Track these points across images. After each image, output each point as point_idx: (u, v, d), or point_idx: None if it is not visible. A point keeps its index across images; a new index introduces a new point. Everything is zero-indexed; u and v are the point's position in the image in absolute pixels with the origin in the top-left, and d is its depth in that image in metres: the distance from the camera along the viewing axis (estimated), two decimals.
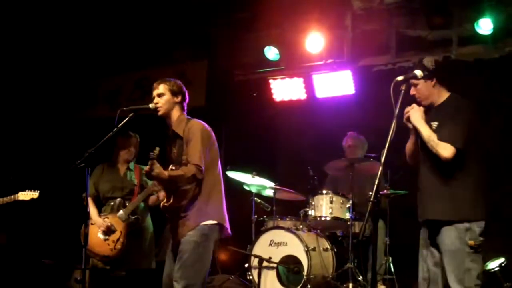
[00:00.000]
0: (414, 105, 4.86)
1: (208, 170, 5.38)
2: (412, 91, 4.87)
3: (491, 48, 8.14)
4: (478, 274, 4.65)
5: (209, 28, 9.64)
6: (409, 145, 5.04)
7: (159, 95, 5.49)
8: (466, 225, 4.64)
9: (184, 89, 5.61)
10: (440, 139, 4.68)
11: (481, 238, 4.68)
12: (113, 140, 6.92)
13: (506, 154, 8.07)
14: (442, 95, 4.90)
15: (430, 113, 4.90)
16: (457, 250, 4.64)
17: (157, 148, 5.12)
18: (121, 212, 6.92)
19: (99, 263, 6.92)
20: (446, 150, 4.65)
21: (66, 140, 10.14)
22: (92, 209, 7.01)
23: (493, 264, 6.81)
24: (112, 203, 7.09)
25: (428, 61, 4.87)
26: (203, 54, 9.87)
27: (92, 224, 6.94)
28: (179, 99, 5.52)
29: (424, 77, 4.82)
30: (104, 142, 5.40)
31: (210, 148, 5.44)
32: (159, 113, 5.49)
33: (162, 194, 5.59)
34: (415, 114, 4.83)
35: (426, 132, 4.76)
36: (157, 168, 5.11)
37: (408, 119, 4.88)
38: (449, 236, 4.68)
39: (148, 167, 5.11)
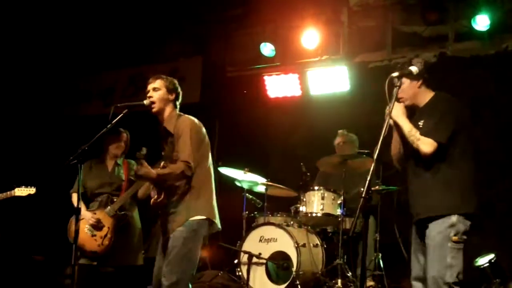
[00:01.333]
0: (395, 102, 4.74)
1: (198, 165, 5.34)
2: (400, 92, 4.76)
3: (488, 44, 8.12)
4: (458, 271, 4.59)
5: (203, 24, 9.63)
6: (394, 145, 4.95)
7: (154, 89, 5.44)
8: (453, 220, 4.58)
9: (179, 88, 5.55)
10: (422, 134, 4.64)
11: (465, 237, 4.61)
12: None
13: (500, 151, 8.02)
14: (427, 96, 4.84)
15: (416, 114, 4.85)
16: (439, 244, 4.59)
17: (144, 149, 5.08)
18: (108, 207, 6.86)
19: (86, 259, 6.88)
20: (427, 145, 4.61)
21: (60, 137, 10.14)
22: (80, 204, 6.98)
23: (483, 260, 6.77)
24: (99, 199, 7.03)
25: (417, 62, 4.81)
26: (197, 50, 9.88)
27: (81, 219, 6.90)
28: (173, 97, 5.46)
29: (410, 77, 4.76)
30: (98, 138, 5.35)
31: (200, 144, 5.39)
32: (153, 110, 5.43)
33: (146, 187, 5.53)
34: (395, 109, 4.73)
35: (407, 127, 4.71)
36: (145, 168, 5.07)
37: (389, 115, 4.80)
38: (433, 230, 4.64)
39: (136, 167, 5.07)
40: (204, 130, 5.47)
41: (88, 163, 7.14)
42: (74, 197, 6.99)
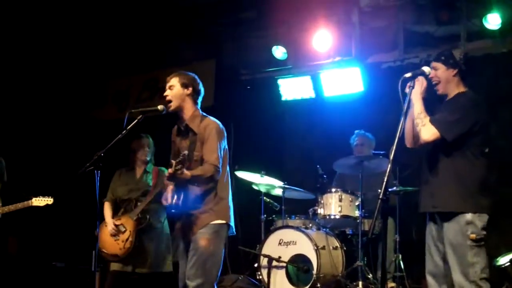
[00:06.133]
0: (420, 77, 4.80)
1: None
2: (432, 74, 4.85)
3: (500, 43, 8.11)
4: (482, 268, 4.65)
5: (216, 27, 9.64)
6: (408, 122, 4.94)
7: (170, 88, 5.46)
8: (468, 218, 4.64)
9: (197, 82, 5.53)
10: (432, 120, 4.68)
11: (484, 232, 4.67)
12: (127, 144, 6.96)
13: None
14: (458, 88, 4.89)
15: (442, 104, 4.90)
16: (459, 244, 4.65)
17: (185, 152, 5.08)
18: (131, 212, 6.99)
19: (115, 265, 6.99)
20: (428, 132, 4.68)
21: (74, 142, 10.20)
22: (108, 212, 7.19)
23: (504, 260, 6.74)
24: (126, 205, 7.18)
25: (457, 52, 4.92)
26: (210, 54, 9.87)
27: (106, 225, 7.08)
28: (189, 91, 5.44)
29: (448, 65, 4.84)
30: (114, 144, 5.35)
31: (224, 148, 5.42)
32: (170, 109, 5.43)
33: (169, 189, 5.51)
34: (416, 87, 4.78)
35: (418, 109, 4.76)
36: (182, 172, 5.07)
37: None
38: (451, 230, 4.70)
39: (172, 169, 5.04)
40: (226, 134, 5.51)
41: (119, 172, 7.33)
42: (106, 206, 7.16)
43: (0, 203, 7.24)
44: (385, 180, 4.37)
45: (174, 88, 5.44)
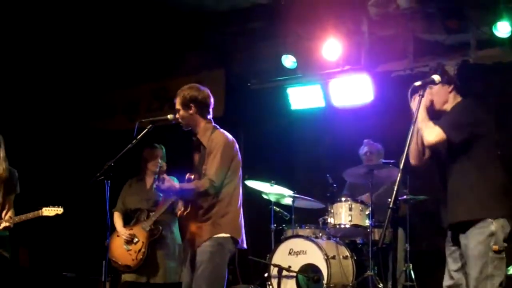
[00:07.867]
0: (428, 91, 4.74)
1: (227, 182, 5.36)
2: (427, 92, 4.75)
3: (509, 51, 8.09)
4: (501, 281, 4.57)
5: (225, 37, 9.64)
6: (414, 138, 4.82)
7: (177, 110, 5.47)
8: (492, 229, 4.54)
9: (199, 95, 5.45)
10: (435, 124, 4.62)
11: (505, 244, 4.59)
12: (138, 153, 6.97)
13: None
14: (456, 100, 4.83)
15: (442, 117, 4.82)
16: (480, 255, 4.55)
17: (164, 163, 5.14)
18: (144, 222, 7.00)
19: (128, 276, 6.99)
20: (432, 133, 4.59)
21: (84, 152, 10.21)
22: (118, 222, 7.23)
23: None
24: (137, 215, 7.19)
25: (450, 66, 4.82)
26: (219, 63, 9.89)
27: (118, 236, 7.08)
28: (192, 110, 5.43)
29: (443, 82, 4.75)
30: (124, 154, 5.37)
31: (230, 161, 5.38)
32: (184, 128, 5.50)
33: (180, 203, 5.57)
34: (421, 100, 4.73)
35: (421, 116, 4.64)
36: (167, 181, 5.12)
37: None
38: (473, 240, 4.59)
39: (158, 182, 5.12)
40: (236, 146, 5.48)
41: (129, 182, 7.35)
42: (115, 215, 7.18)
43: (13, 214, 7.25)
44: (395, 189, 4.35)
45: (180, 111, 5.45)
